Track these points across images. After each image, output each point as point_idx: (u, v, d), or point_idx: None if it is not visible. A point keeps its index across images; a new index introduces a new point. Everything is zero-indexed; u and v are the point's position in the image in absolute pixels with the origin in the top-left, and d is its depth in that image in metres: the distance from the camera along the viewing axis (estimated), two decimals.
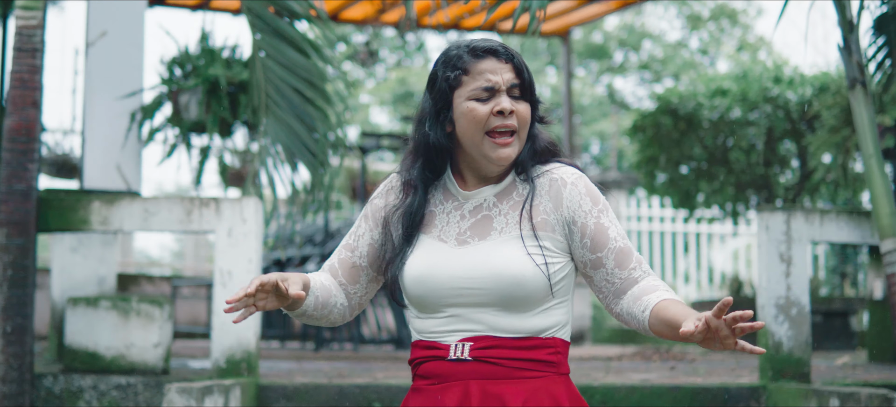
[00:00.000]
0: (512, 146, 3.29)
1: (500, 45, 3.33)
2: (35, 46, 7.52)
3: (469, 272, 3.25)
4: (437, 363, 3.29)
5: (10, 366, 7.26)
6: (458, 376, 3.25)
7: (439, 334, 3.30)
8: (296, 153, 8.41)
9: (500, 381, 3.23)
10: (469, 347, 3.24)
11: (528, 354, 3.25)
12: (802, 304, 7.64)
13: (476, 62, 3.30)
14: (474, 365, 3.24)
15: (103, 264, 9.01)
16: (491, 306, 3.24)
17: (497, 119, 3.26)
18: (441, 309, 3.28)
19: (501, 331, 3.25)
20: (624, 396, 7.58)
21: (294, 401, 7.45)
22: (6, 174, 7.41)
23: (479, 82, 3.28)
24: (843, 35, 7.58)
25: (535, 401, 3.22)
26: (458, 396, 3.23)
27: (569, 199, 3.30)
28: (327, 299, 3.42)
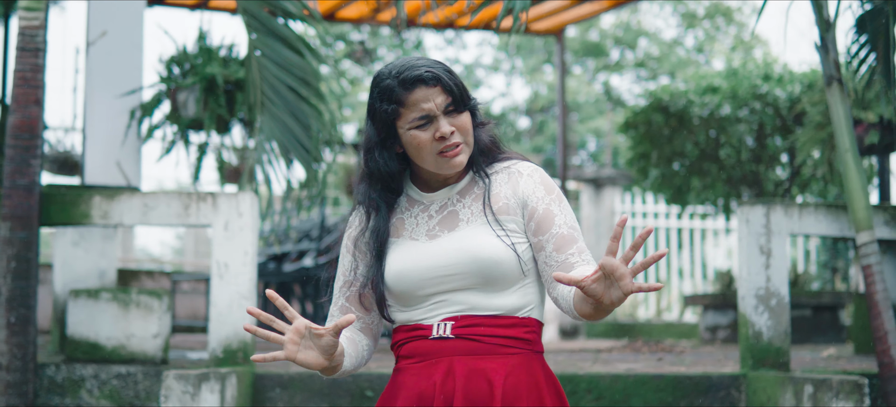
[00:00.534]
0: (461, 155, 3.56)
1: (425, 70, 3.54)
2: (38, 46, 7.72)
3: (447, 259, 3.49)
4: (420, 343, 3.52)
5: (14, 355, 7.47)
6: (441, 353, 3.49)
7: (422, 319, 3.54)
8: (291, 150, 8.64)
9: (482, 356, 3.46)
10: (451, 325, 3.48)
11: (507, 331, 3.49)
12: (782, 294, 7.86)
13: (407, 94, 3.54)
14: (456, 342, 3.48)
15: (104, 258, 9.21)
16: (470, 289, 3.49)
17: (441, 143, 3.52)
18: (424, 299, 3.52)
19: (481, 309, 3.49)
20: (608, 385, 7.80)
21: (289, 390, 7.67)
22: (10, 170, 7.61)
23: (414, 113, 3.53)
24: (820, 34, 7.79)
25: (515, 376, 3.46)
26: (442, 372, 3.46)
27: (524, 186, 3.59)
28: (358, 352, 3.67)
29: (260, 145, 8.56)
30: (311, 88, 8.73)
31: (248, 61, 8.77)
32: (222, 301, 7.76)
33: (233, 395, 7.14)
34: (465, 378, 3.44)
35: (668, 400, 7.79)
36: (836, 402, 6.79)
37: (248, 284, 7.77)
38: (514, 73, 37.71)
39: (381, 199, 3.67)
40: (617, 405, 7.76)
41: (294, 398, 7.65)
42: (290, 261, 13.30)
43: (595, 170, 21.31)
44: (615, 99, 35.26)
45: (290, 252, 13.40)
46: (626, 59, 36.24)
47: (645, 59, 35.48)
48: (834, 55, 7.73)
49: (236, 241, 7.81)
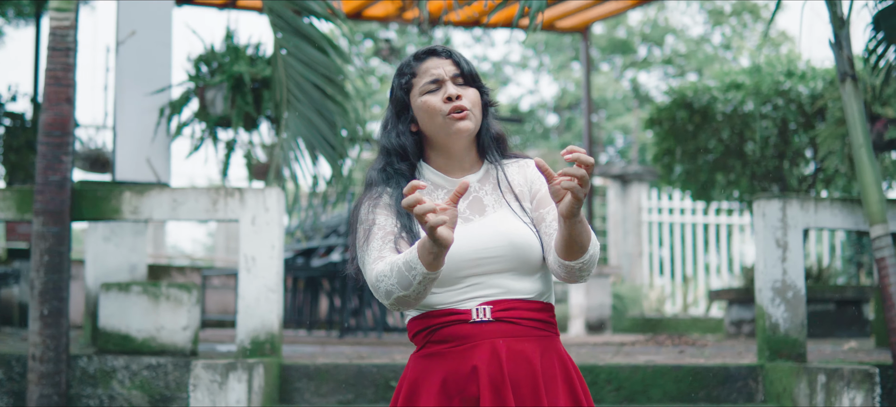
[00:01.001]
0: (468, 120, 3.74)
1: (439, 45, 3.84)
2: (68, 46, 7.90)
3: (484, 242, 3.64)
4: (458, 327, 3.63)
5: (47, 347, 7.65)
6: (483, 336, 3.61)
7: (456, 302, 3.65)
8: (316, 146, 8.81)
9: (521, 338, 3.62)
10: (490, 309, 3.63)
11: (538, 314, 3.68)
12: (798, 287, 7.99)
13: (420, 64, 3.82)
14: (497, 325, 3.62)
15: (134, 253, 9.39)
16: (506, 271, 3.64)
17: (448, 105, 3.72)
18: (460, 280, 3.64)
19: (515, 293, 3.65)
20: (628, 376, 7.94)
21: (315, 380, 7.84)
22: (42, 166, 7.79)
23: (425, 79, 3.77)
24: (834, 31, 7.92)
25: (548, 358, 3.65)
26: (487, 354, 3.59)
27: (532, 173, 3.80)
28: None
29: (286, 142, 8.73)
30: (336, 86, 8.91)
31: (274, 60, 8.94)
32: (250, 294, 7.93)
33: (260, 385, 7.31)
34: (508, 360, 3.59)
35: (686, 390, 7.92)
36: (847, 391, 6.93)
37: (274, 277, 7.94)
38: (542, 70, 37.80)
39: (395, 172, 3.82)
40: (636, 395, 7.90)
41: (320, 388, 7.81)
42: (319, 256, 13.47)
43: (622, 167, 21.42)
44: (643, 96, 35.29)
45: (318, 247, 13.57)
46: (654, 56, 36.27)
47: (672, 55, 35.51)
48: (848, 52, 7.86)
49: (263, 235, 7.97)
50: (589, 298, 16.52)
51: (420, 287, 3.50)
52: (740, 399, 7.95)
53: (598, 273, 16.54)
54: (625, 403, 7.88)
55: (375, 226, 3.73)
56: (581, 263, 3.53)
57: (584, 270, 3.56)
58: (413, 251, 3.47)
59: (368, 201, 3.81)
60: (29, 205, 8.08)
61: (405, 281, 3.51)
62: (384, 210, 3.77)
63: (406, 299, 3.56)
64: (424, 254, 3.41)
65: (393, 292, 3.55)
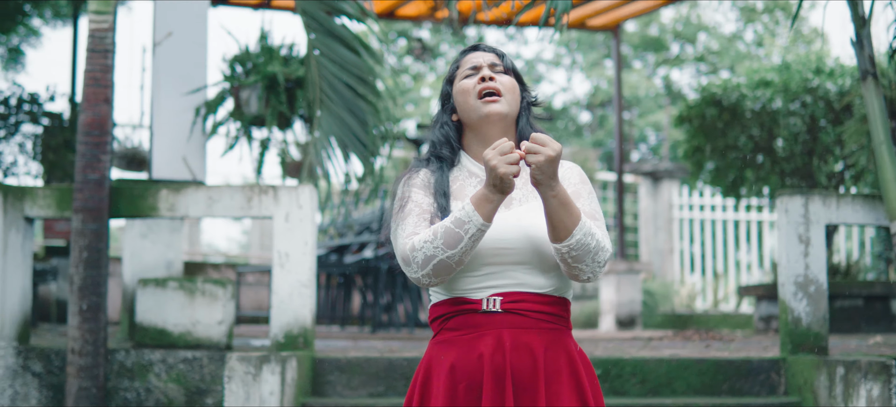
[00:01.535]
0: (499, 103, 3.92)
1: (484, 43, 4.06)
2: (107, 47, 8.10)
3: (503, 234, 3.80)
4: (468, 316, 3.82)
5: (86, 340, 7.85)
6: (491, 326, 3.78)
7: (469, 291, 3.82)
8: (348, 145, 8.99)
9: (527, 330, 3.78)
10: (500, 300, 3.79)
11: (548, 308, 3.82)
12: (820, 281, 8.13)
13: (464, 57, 4.05)
14: (505, 316, 3.78)
15: (171, 249, 9.59)
16: (522, 264, 3.80)
17: (481, 84, 3.92)
18: (479, 267, 3.81)
19: (528, 286, 3.80)
20: (652, 368, 8.10)
21: (346, 373, 8.02)
22: (81, 165, 7.99)
23: (466, 66, 3.99)
24: (855, 30, 8.05)
25: (554, 350, 3.80)
26: (492, 343, 3.76)
27: (563, 172, 3.92)
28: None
29: (319, 141, 8.90)
30: (368, 86, 9.09)
31: (307, 60, 9.12)
32: (283, 289, 8.11)
33: (293, 377, 7.49)
34: (512, 350, 3.76)
35: (709, 383, 8.07)
36: (864, 382, 7.07)
37: (307, 272, 8.12)
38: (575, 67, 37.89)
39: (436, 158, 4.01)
40: (660, 388, 8.05)
41: (352, 381, 8.00)
42: (352, 252, 13.64)
43: (653, 164, 21.51)
44: (675, 93, 35.33)
45: (352, 244, 13.74)
46: (686, 54, 36.30)
47: (704, 53, 35.53)
48: (869, 51, 7.99)
49: (296, 232, 8.15)
50: (619, 295, 16.65)
51: (470, 241, 3.67)
52: (763, 392, 8.09)
53: (628, 269, 16.67)
54: (650, 395, 8.04)
55: (411, 202, 3.90)
56: (567, 247, 3.67)
57: (576, 261, 3.70)
58: (468, 206, 3.67)
59: (405, 179, 4.00)
60: (68, 203, 8.28)
61: (454, 239, 3.68)
62: (421, 189, 3.93)
63: (447, 263, 3.71)
64: (483, 203, 3.66)
65: (435, 256, 3.70)
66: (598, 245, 3.71)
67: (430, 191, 3.93)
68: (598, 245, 3.71)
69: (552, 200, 3.66)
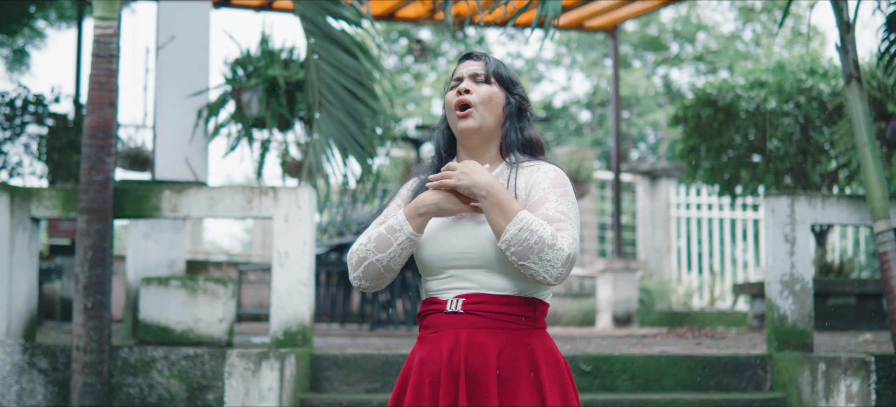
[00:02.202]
0: (469, 118, 4.11)
1: (477, 51, 4.24)
2: (111, 52, 8.29)
3: (462, 239, 4.02)
4: (437, 315, 4.05)
5: (91, 338, 8.05)
6: (452, 326, 4.00)
7: (439, 292, 4.06)
8: (347, 146, 9.19)
9: (484, 330, 3.97)
10: (462, 301, 4.00)
11: (509, 309, 3.99)
12: (805, 280, 8.33)
13: (459, 66, 4.23)
14: (465, 317, 3.98)
15: (173, 249, 9.79)
16: (481, 268, 3.99)
17: (457, 97, 4.12)
18: (442, 270, 4.04)
19: (490, 288, 3.99)
20: (642, 365, 8.30)
21: (344, 369, 8.22)
22: (86, 167, 8.18)
23: (453, 79, 4.19)
24: (840, 35, 8.25)
25: (512, 349, 3.98)
26: (451, 342, 3.97)
27: (535, 178, 4.08)
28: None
29: (317, 143, 9.10)
30: (366, 89, 9.28)
31: (306, 64, 9.31)
32: (282, 287, 8.31)
33: (291, 373, 7.70)
34: (466, 349, 3.95)
35: (697, 379, 8.27)
36: (844, 378, 7.28)
37: (306, 271, 8.32)
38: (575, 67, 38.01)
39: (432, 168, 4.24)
40: (650, 384, 8.26)
41: (349, 377, 8.20)
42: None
43: (651, 163, 21.65)
44: (674, 92, 35.44)
45: (352, 243, 13.89)
46: (686, 53, 36.41)
47: (703, 52, 35.65)
48: (853, 55, 8.19)
49: (296, 231, 8.35)
50: (616, 293, 16.81)
51: (398, 249, 3.98)
52: (749, 388, 8.30)
53: (625, 267, 16.84)
54: (639, 391, 8.24)
55: (385, 213, 4.21)
56: (505, 244, 3.86)
57: (520, 258, 3.84)
58: (401, 215, 3.99)
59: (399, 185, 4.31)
60: (74, 203, 8.48)
61: (385, 243, 3.99)
62: (402, 200, 4.21)
63: (376, 266, 4.01)
64: (414, 217, 3.98)
65: (366, 258, 4.02)
66: (541, 242, 3.81)
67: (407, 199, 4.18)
68: (542, 242, 3.81)
69: (484, 203, 3.91)
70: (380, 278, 4.05)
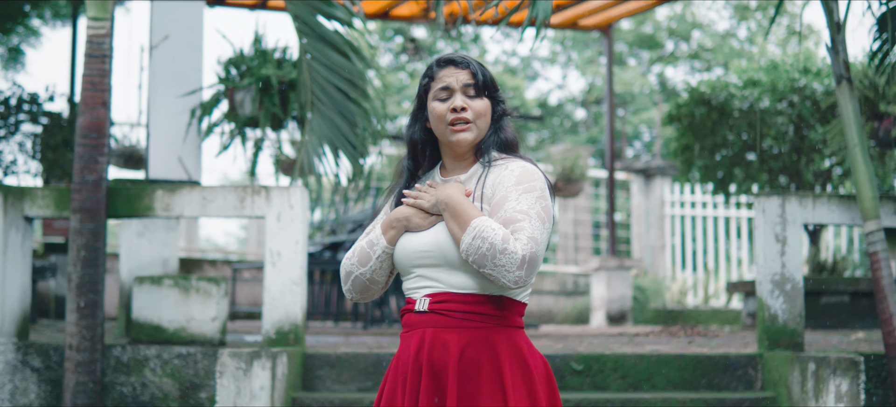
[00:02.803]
0: (468, 132, 4.14)
1: (459, 56, 4.21)
2: (104, 53, 8.31)
3: (423, 238, 4.08)
4: (409, 315, 4.12)
5: (83, 337, 8.07)
6: (419, 325, 4.06)
7: (411, 291, 4.12)
8: (339, 146, 9.21)
9: (447, 329, 4.01)
10: (428, 301, 4.05)
11: (473, 307, 4.02)
12: (796, 280, 8.35)
13: (439, 71, 4.20)
14: (431, 316, 4.03)
15: (167, 247, 9.80)
16: (441, 266, 4.04)
17: (452, 114, 4.12)
18: (411, 270, 4.11)
19: (454, 287, 4.02)
20: (633, 364, 8.32)
21: (336, 368, 8.25)
22: (79, 167, 8.20)
23: (439, 85, 4.17)
24: (831, 35, 8.27)
25: (475, 347, 3.99)
26: (417, 341, 4.03)
27: (501, 178, 4.10)
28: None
29: (310, 142, 9.11)
30: (358, 89, 9.30)
31: (299, 64, 9.32)
32: (275, 287, 8.33)
33: (283, 372, 7.72)
34: (430, 347, 4.00)
35: (688, 378, 8.30)
36: (834, 378, 7.31)
37: (298, 270, 8.34)
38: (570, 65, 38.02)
39: (406, 168, 4.30)
40: (640, 383, 8.28)
41: (341, 376, 8.22)
42: (345, 249, 13.81)
43: (645, 161, 21.67)
44: (669, 90, 35.46)
45: (345, 241, 13.92)
46: (681, 51, 36.43)
47: (698, 50, 35.67)
48: (844, 56, 8.21)
49: (288, 231, 8.37)
50: (610, 291, 16.83)
51: (377, 262, 4.13)
52: (740, 387, 8.32)
53: (619, 266, 16.86)
54: (630, 390, 8.26)
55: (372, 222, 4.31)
56: (464, 253, 3.92)
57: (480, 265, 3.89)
58: (377, 229, 4.14)
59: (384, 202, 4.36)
60: (67, 203, 8.50)
61: (366, 257, 4.14)
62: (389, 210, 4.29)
63: (361, 279, 4.16)
64: (388, 230, 4.13)
65: (352, 272, 4.17)
66: (492, 248, 3.86)
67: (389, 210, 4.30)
68: (493, 248, 3.86)
69: (444, 215, 4.03)
70: (367, 290, 4.21)
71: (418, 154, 4.29)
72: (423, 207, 4.09)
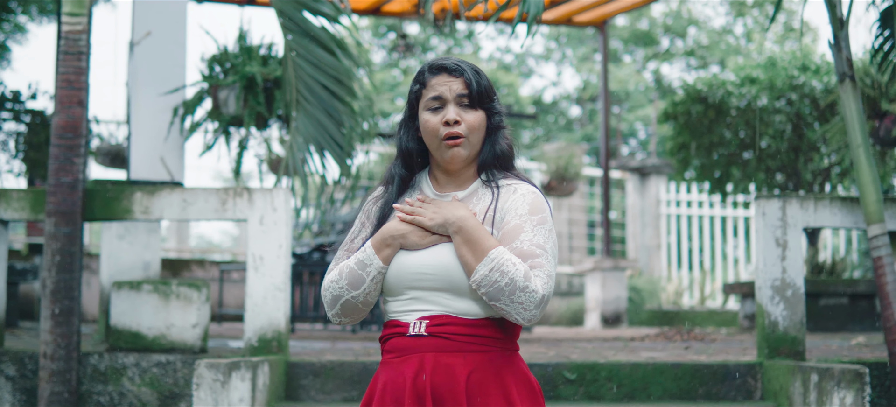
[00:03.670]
0: (461, 148, 3.83)
1: (452, 62, 3.90)
2: (81, 50, 8.04)
3: (424, 260, 3.76)
4: (399, 339, 3.79)
5: (58, 345, 7.81)
6: (415, 349, 3.74)
7: (401, 314, 3.80)
8: (325, 146, 8.96)
9: (451, 353, 3.72)
10: (425, 324, 3.74)
11: (477, 331, 3.74)
12: (797, 285, 8.09)
13: (431, 77, 3.89)
14: (429, 340, 3.73)
15: (148, 250, 9.55)
16: (443, 290, 3.75)
17: (446, 128, 3.82)
18: (403, 291, 3.79)
19: (454, 311, 3.74)
20: (628, 373, 8.06)
21: (320, 377, 7.98)
22: (54, 168, 7.93)
23: (431, 93, 3.85)
24: (833, 32, 8.01)
25: (481, 372, 3.72)
26: (414, 366, 3.72)
27: (512, 202, 3.82)
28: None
29: (295, 142, 8.87)
30: (345, 87, 9.06)
31: (284, 61, 9.09)
32: (257, 293, 8.07)
33: (265, 383, 7.45)
34: (432, 373, 3.71)
35: (686, 388, 8.04)
36: (837, 390, 7.03)
37: (282, 276, 8.08)
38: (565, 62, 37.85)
39: (396, 174, 3.99)
40: (636, 393, 8.02)
41: (326, 385, 7.96)
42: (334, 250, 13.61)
43: (640, 159, 21.51)
44: (665, 87, 35.32)
45: (334, 242, 13.71)
46: (676, 48, 36.29)
47: (694, 47, 35.52)
48: (847, 53, 7.95)
49: (271, 235, 8.12)
50: (605, 292, 16.63)
51: (371, 284, 3.79)
52: (739, 397, 8.06)
53: (614, 266, 16.66)
54: (625, 399, 8.00)
55: (351, 231, 4.00)
56: (475, 284, 3.66)
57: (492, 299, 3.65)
58: (369, 248, 3.79)
59: (366, 204, 4.03)
60: (43, 205, 8.24)
61: (357, 280, 3.80)
62: (364, 217, 4.00)
63: (352, 303, 3.83)
64: (382, 248, 3.79)
65: (341, 296, 3.83)
66: (512, 284, 3.63)
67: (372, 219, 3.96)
68: (513, 284, 3.63)
69: (455, 238, 3.73)
70: (358, 313, 3.89)
71: (413, 163, 4.00)
72: (424, 226, 3.79)
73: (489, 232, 3.77)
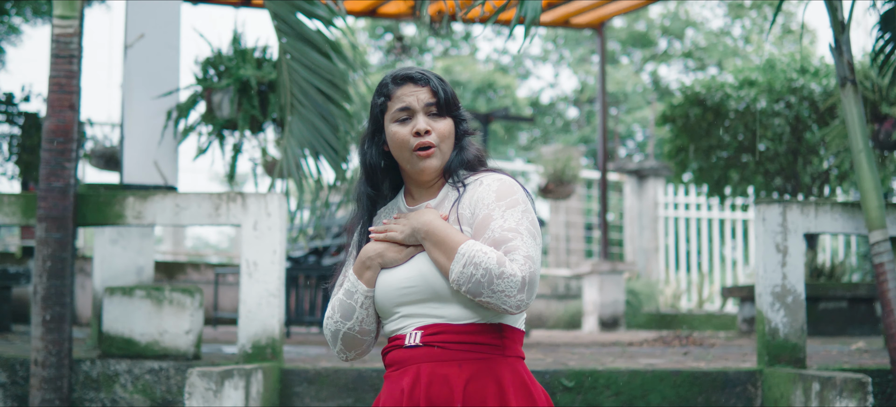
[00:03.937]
0: (433, 158, 3.78)
1: (417, 71, 3.83)
2: (72, 53, 7.95)
3: (404, 274, 3.73)
4: (397, 352, 3.73)
5: (50, 352, 7.72)
6: (412, 361, 3.68)
7: (400, 329, 3.75)
8: (319, 150, 8.88)
9: (447, 363, 3.65)
10: (420, 334, 3.68)
11: (472, 337, 3.67)
12: (798, 292, 7.99)
13: (397, 88, 3.81)
14: (425, 350, 3.67)
15: (141, 255, 9.46)
16: (430, 301, 3.69)
17: (416, 139, 3.75)
18: (394, 310, 3.74)
19: (448, 318, 3.67)
20: (627, 381, 7.96)
21: (315, 384, 7.89)
22: (45, 173, 7.84)
23: (398, 105, 3.78)
24: (834, 36, 7.91)
25: (479, 381, 3.65)
26: (411, 378, 3.65)
27: (478, 194, 3.76)
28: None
29: (290, 145, 8.79)
30: (340, 90, 8.98)
31: (278, 65, 9.01)
32: (251, 299, 7.98)
33: (258, 391, 7.36)
34: (427, 384, 3.64)
35: (685, 396, 7.95)
36: (839, 400, 6.93)
37: (276, 281, 7.99)
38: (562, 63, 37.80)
39: (363, 194, 3.94)
40: (634, 401, 7.93)
41: (320, 393, 7.87)
42: (330, 255, 13.54)
43: (638, 162, 21.44)
44: (663, 89, 35.26)
45: (330, 246, 13.65)
46: (674, 49, 36.23)
47: (692, 49, 35.46)
48: (848, 57, 7.86)
49: (265, 240, 8.02)
50: (603, 295, 16.55)
51: (362, 311, 3.76)
52: (739, 405, 7.97)
53: (612, 269, 16.58)
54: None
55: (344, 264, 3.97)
56: (455, 284, 3.61)
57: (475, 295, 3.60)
58: (352, 276, 3.78)
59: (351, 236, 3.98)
60: (33, 210, 8.15)
61: (349, 310, 3.78)
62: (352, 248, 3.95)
63: (350, 335, 3.80)
64: (363, 271, 3.77)
65: (339, 330, 3.81)
66: (488, 274, 3.55)
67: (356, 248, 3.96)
68: (489, 273, 3.56)
69: (425, 244, 3.70)
70: (359, 344, 3.87)
71: (378, 180, 3.93)
72: (397, 240, 3.75)
73: (458, 230, 3.71)
